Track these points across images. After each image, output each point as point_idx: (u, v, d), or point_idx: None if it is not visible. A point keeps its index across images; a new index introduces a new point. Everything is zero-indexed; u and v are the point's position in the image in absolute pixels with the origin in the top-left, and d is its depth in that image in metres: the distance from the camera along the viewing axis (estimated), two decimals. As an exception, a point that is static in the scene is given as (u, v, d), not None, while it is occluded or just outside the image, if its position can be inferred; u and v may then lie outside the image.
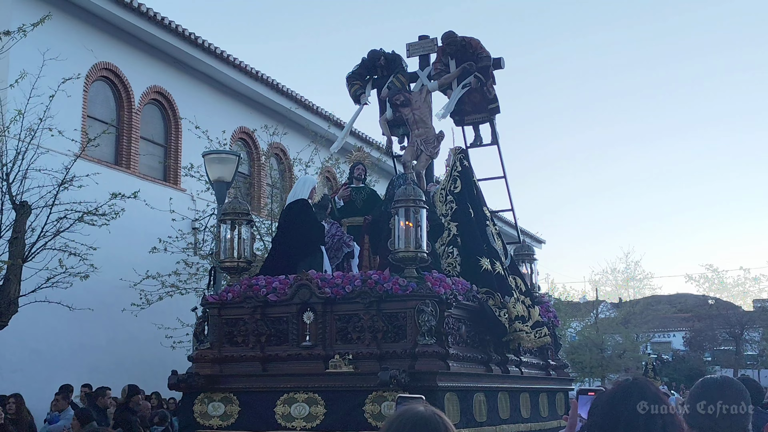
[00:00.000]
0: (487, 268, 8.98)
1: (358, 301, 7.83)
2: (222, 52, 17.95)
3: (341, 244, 9.57)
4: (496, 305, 8.79)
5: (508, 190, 11.28)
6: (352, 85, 11.23)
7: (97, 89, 16.30)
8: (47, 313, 13.49)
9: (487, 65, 10.80)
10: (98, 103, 16.24)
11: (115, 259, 15.14)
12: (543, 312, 10.24)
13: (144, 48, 17.01)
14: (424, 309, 7.61)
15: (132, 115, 16.75)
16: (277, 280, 8.34)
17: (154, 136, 17.70)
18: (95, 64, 15.85)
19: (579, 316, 35.52)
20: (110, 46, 16.29)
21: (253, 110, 19.71)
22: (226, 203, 8.91)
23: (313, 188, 9.24)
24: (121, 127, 16.53)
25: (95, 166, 14.52)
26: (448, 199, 9.62)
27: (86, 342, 15.23)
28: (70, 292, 12.68)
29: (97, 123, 15.64)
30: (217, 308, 8.43)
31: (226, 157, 11.86)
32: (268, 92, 19.60)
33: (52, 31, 13.92)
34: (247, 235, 8.73)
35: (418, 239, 7.94)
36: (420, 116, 10.69)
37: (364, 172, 10.72)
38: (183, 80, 18.03)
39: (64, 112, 13.47)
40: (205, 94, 18.45)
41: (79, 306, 13.39)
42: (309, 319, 7.97)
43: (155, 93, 17.51)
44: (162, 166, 17.69)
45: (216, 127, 17.05)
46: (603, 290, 38.49)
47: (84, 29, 15.71)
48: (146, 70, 17.14)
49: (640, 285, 38.38)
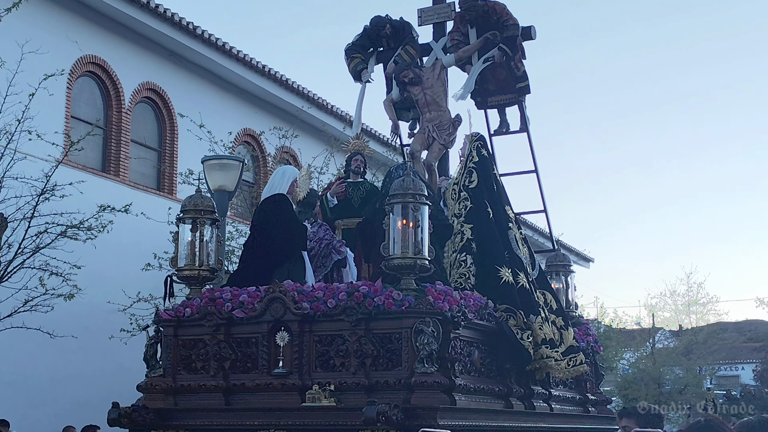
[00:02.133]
0: (508, 281, 8.60)
1: (343, 318, 7.47)
2: (224, 44, 17.84)
3: (330, 250, 9.11)
4: (518, 326, 8.40)
5: (540, 187, 10.88)
6: (352, 59, 10.86)
7: (83, 86, 16.29)
8: (25, 341, 13.38)
9: (514, 35, 10.36)
10: (83, 102, 16.25)
11: (102, 279, 14.99)
12: (580, 336, 9.86)
13: (135, 39, 16.94)
14: (423, 329, 7.21)
15: (122, 115, 16.70)
16: (245, 293, 7.95)
17: (147, 140, 17.66)
18: (80, 57, 15.80)
19: (633, 346, 35.01)
20: (97, 37, 16.26)
21: (260, 110, 19.68)
22: (186, 198, 8.48)
23: (295, 181, 8.75)
24: (109, 129, 16.52)
25: (80, 173, 14.49)
26: (462, 196, 9.15)
27: (69, 373, 15.02)
28: (51, 316, 12.67)
29: (82, 124, 15.62)
30: (173, 327, 8.15)
31: (228, 163, 11.77)
32: (276, 89, 19.49)
33: (31, 19, 13.95)
34: (211, 237, 8.39)
35: (418, 243, 7.53)
36: (433, 97, 10.31)
37: (364, 165, 10.27)
38: (179, 76, 17.97)
39: (45, 113, 13.48)
40: (205, 91, 18.44)
41: (62, 332, 13.33)
42: (283, 341, 7.65)
43: (148, 90, 17.45)
44: (155, 173, 17.63)
45: (217, 129, 16.96)
46: (661, 316, 38.10)
47: (68, 18, 15.68)
48: (138, 65, 17.08)
49: (703, 310, 37.99)
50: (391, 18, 10.76)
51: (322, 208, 9.86)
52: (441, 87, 10.34)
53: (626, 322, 36.52)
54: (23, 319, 12.27)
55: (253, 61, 18.55)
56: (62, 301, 12.38)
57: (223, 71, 18.36)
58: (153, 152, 17.69)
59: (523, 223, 23.17)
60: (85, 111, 16.10)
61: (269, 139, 18.09)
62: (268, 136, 17.96)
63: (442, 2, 10.85)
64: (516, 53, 10.45)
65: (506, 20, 10.35)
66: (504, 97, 10.85)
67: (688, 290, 37.48)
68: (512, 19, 10.35)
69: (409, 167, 8.17)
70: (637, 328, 37.36)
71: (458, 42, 10.53)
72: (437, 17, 10.81)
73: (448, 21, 10.78)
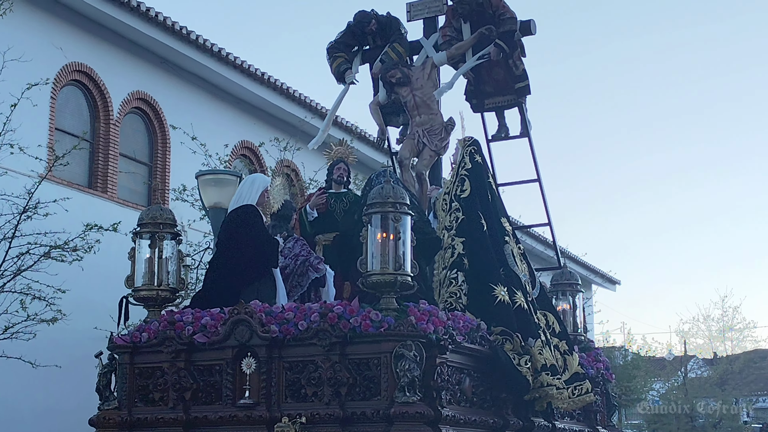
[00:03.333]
0: (503, 300, 8.49)
1: (315, 342, 7.40)
2: (220, 50, 17.83)
3: (307, 267, 8.96)
4: (515, 351, 8.29)
5: (543, 197, 10.70)
6: (335, 58, 10.73)
7: (68, 96, 16.26)
8: (5, 371, 13.27)
9: (511, 30, 10.17)
10: (69, 113, 16.24)
11: (88, 304, 14.78)
12: (589, 362, 9.75)
13: (124, 46, 16.94)
14: (404, 353, 7.12)
15: (110, 127, 16.68)
16: (207, 315, 7.86)
17: (137, 153, 17.62)
18: (65, 65, 15.77)
19: (663, 376, 35.04)
20: (84, 43, 16.24)
21: (258, 121, 19.66)
22: (143, 210, 8.37)
23: (265, 191, 8.63)
24: (96, 142, 16.51)
25: (65, 189, 14.49)
26: (453, 206, 9.05)
27: (53, 405, 14.85)
28: (34, 344, 12.62)
29: (68, 137, 15.67)
30: (128, 353, 8.08)
31: (224, 178, 11.55)
32: (276, 99, 19.44)
33: (13, 25, 13.94)
34: (171, 253, 8.33)
35: (399, 257, 7.43)
36: (423, 99, 10.18)
37: (347, 174, 10.15)
38: (172, 85, 17.94)
39: (27, 125, 13.54)
40: (200, 101, 18.42)
41: (45, 362, 13.22)
42: (249, 368, 7.58)
43: (138, 100, 17.44)
44: (146, 189, 17.53)
45: (212, 142, 16.92)
46: (693, 343, 38.27)
47: (52, 23, 15.67)
48: (127, 73, 17.05)
49: (739, 336, 38.06)
50: (377, 13, 10.64)
51: (301, 222, 9.73)
52: (432, 88, 10.19)
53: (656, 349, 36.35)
54: (3, 347, 12.25)
55: (251, 68, 18.57)
56: (45, 328, 12.38)
57: (218, 79, 18.37)
58: (143, 167, 17.67)
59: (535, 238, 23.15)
60: (71, 123, 16.13)
61: (269, 151, 18.05)
62: (268, 148, 17.92)
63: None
64: (514, 50, 10.26)
65: (503, 13, 10.18)
66: (502, 99, 10.65)
67: (723, 315, 37.60)
68: (509, 13, 10.19)
69: (390, 173, 7.97)
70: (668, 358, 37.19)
71: (451, 38, 10.36)
72: (428, 12, 10.65)
73: (439, 16, 10.62)
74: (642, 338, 41.47)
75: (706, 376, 36.13)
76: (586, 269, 30.18)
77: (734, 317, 37.89)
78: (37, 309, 12.38)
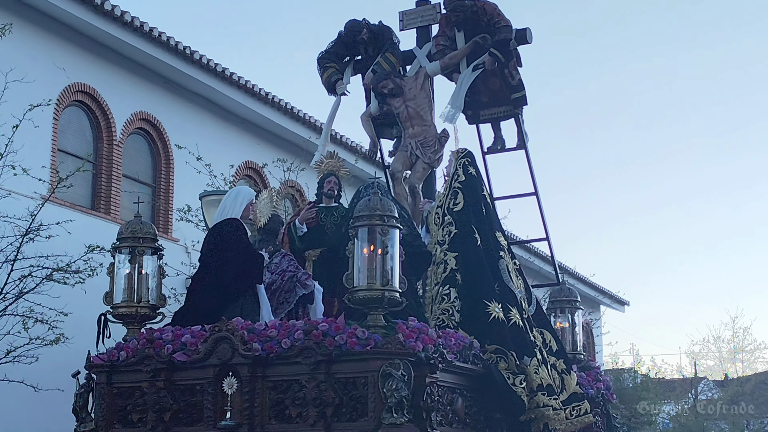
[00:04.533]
0: (498, 317, 8.44)
1: (300, 361, 7.29)
2: (224, 70, 17.91)
3: (294, 283, 8.86)
4: (510, 370, 8.25)
5: (541, 211, 10.61)
6: (326, 68, 10.68)
7: (71, 117, 16.31)
8: (7, 394, 13.23)
9: (506, 38, 10.09)
10: (71, 134, 16.29)
11: (91, 326, 14.80)
12: (589, 381, 9.63)
13: (128, 66, 16.99)
14: (391, 372, 7.01)
15: (113, 148, 16.73)
16: (188, 332, 7.76)
17: (140, 174, 17.63)
18: (68, 86, 15.82)
19: (673, 397, 34.75)
20: (86, 64, 16.27)
21: (263, 141, 19.72)
22: (123, 225, 8.24)
23: (251, 204, 8.49)
24: (99, 164, 16.52)
25: (67, 211, 14.45)
26: (446, 220, 8.99)
27: (55, 429, 14.32)
28: (36, 368, 12.56)
29: (70, 158, 15.66)
30: (106, 373, 8.03)
31: None
32: (280, 119, 19.51)
33: (15, 46, 14.04)
34: (152, 269, 8.25)
35: (387, 272, 7.32)
36: (416, 110, 10.12)
37: (338, 187, 10.02)
38: (175, 105, 17.99)
39: (30, 146, 13.58)
40: (204, 121, 18.52)
41: (47, 385, 13.07)
42: (231, 388, 7.48)
43: (141, 121, 17.49)
44: (150, 210, 17.44)
45: (217, 162, 16.98)
46: (703, 364, 38.42)
47: (55, 44, 15.72)
48: (130, 93, 17.08)
49: (750, 358, 38.33)
50: (368, 22, 10.58)
51: (290, 237, 9.59)
52: (425, 98, 10.14)
53: (666, 370, 36.63)
54: (5, 371, 12.21)
55: (255, 88, 18.65)
56: (47, 351, 12.37)
57: (222, 99, 18.44)
58: (147, 188, 17.66)
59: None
60: (74, 144, 16.17)
61: (273, 172, 18.07)
62: (272, 168, 17.95)
63: (427, 3, 10.68)
64: (510, 59, 10.21)
65: (498, 22, 10.12)
66: (498, 110, 10.60)
67: (734, 336, 37.69)
68: (504, 21, 10.12)
69: (379, 184, 7.84)
70: (677, 378, 37.26)
71: (444, 47, 10.32)
72: (421, 20, 10.61)
73: (432, 25, 10.58)
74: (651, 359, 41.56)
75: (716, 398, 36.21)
76: (595, 290, 30.14)
77: (745, 338, 37.98)
78: (39, 332, 12.40)
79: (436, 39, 10.40)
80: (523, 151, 10.60)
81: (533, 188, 10.56)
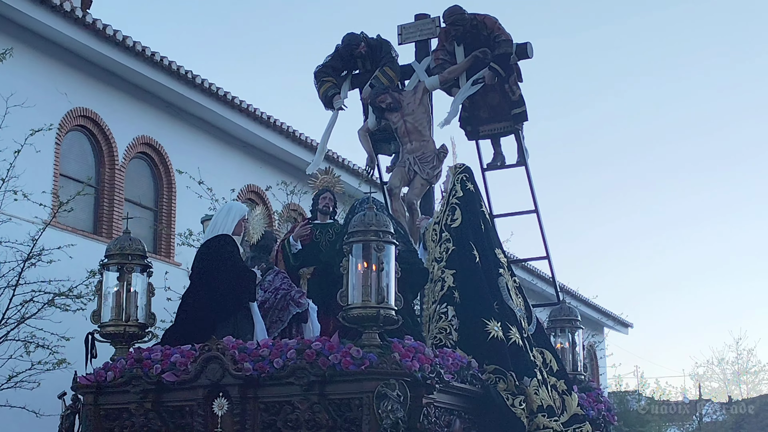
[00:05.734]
0: (497, 336, 8.35)
1: (293, 381, 7.17)
2: (225, 94, 18.07)
3: (288, 301, 8.74)
4: (509, 390, 8.15)
5: (541, 229, 10.49)
6: (323, 83, 10.55)
7: (72, 141, 16.45)
8: (9, 421, 13.24)
9: (507, 52, 9.98)
10: (73, 159, 16.43)
11: None
12: (590, 403, 9.49)
13: (129, 90, 17.11)
14: (386, 393, 6.90)
15: (114, 172, 16.84)
16: (177, 352, 7.62)
17: (142, 198, 17.75)
18: (70, 110, 15.97)
19: (677, 420, 34.87)
20: (88, 88, 16.41)
21: (264, 164, 19.85)
22: (111, 241, 8.10)
23: (243, 219, 8.37)
24: (101, 188, 16.66)
25: (69, 235, 14.61)
26: (443, 237, 8.88)
27: None
28: (38, 393, 12.51)
29: (72, 183, 15.81)
30: (92, 394, 7.88)
31: None
32: (282, 142, 19.62)
33: (16, 70, 14.18)
34: (141, 286, 8.09)
35: (382, 289, 7.20)
36: (414, 125, 10.02)
37: (333, 204, 9.88)
38: (177, 129, 18.12)
39: (31, 171, 13.73)
40: (205, 145, 18.67)
41: (49, 411, 12.71)
42: (221, 409, 7.33)
43: (143, 145, 17.62)
44: (152, 235, 17.61)
45: (219, 186, 17.17)
46: (708, 387, 38.23)
47: (56, 68, 15.86)
48: (132, 118, 17.20)
49: (755, 380, 38.52)
50: (366, 36, 10.49)
51: (284, 255, 9.46)
52: (424, 113, 10.03)
53: (670, 393, 36.49)
54: (7, 396, 12.24)
55: (257, 111, 18.78)
56: (49, 377, 12.31)
57: (224, 123, 18.56)
58: (149, 212, 17.82)
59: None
60: (75, 168, 16.27)
61: (276, 195, 18.17)
62: (275, 192, 18.05)
63: (427, 17, 10.54)
64: (510, 74, 10.10)
65: (498, 36, 10.01)
66: (498, 126, 10.47)
67: (738, 358, 37.74)
68: (505, 35, 10.02)
69: (374, 200, 7.71)
70: (681, 400, 36.87)
71: (444, 62, 10.21)
72: (420, 34, 10.50)
73: (432, 38, 10.48)
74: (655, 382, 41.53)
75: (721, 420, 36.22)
76: (598, 312, 30.13)
77: (749, 360, 38.00)
78: (41, 357, 12.44)
79: (435, 53, 10.30)
80: (523, 167, 10.48)
81: (533, 206, 10.44)
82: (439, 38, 10.35)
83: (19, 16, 14.38)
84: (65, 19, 14.89)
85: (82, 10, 15.38)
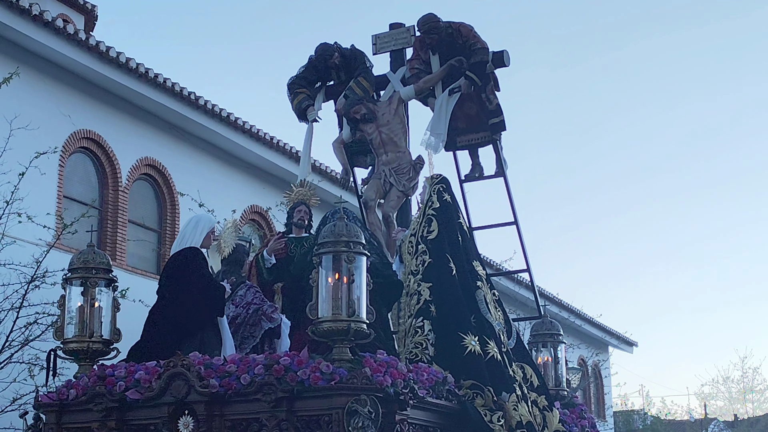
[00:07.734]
0: (474, 351, 8.14)
1: (260, 398, 6.96)
2: (228, 115, 18.13)
3: (259, 317, 8.54)
4: (486, 406, 7.95)
5: (521, 241, 10.30)
6: (296, 94, 10.38)
7: (76, 163, 16.43)
8: None
9: (483, 61, 9.82)
10: (77, 181, 16.42)
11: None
12: (572, 419, 9.27)
13: (133, 112, 17.12)
14: (357, 409, 6.69)
15: (118, 194, 16.85)
16: (142, 369, 7.41)
17: (146, 220, 17.75)
18: (73, 132, 15.97)
19: None
20: (92, 110, 16.42)
21: (267, 185, 19.84)
22: (75, 254, 7.98)
23: (211, 232, 8.21)
24: (104, 210, 16.69)
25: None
26: (420, 249, 8.67)
27: None
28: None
29: (76, 204, 15.82)
30: (55, 412, 7.69)
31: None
32: (285, 162, 19.60)
33: (20, 93, 14.21)
34: (105, 301, 7.93)
35: (353, 302, 6.99)
36: (389, 136, 9.87)
37: (309, 217, 9.75)
38: (180, 150, 18.12)
39: (35, 193, 13.77)
40: (208, 166, 18.73)
41: None
42: (187, 428, 7.17)
43: (147, 167, 17.62)
44: (155, 256, 17.61)
45: (221, 207, 17.12)
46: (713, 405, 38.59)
47: (60, 90, 15.86)
48: (136, 139, 17.22)
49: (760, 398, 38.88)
50: (340, 46, 10.33)
51: (258, 269, 9.25)
52: (399, 124, 9.87)
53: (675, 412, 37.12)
54: (11, 419, 12.01)
55: (260, 132, 18.85)
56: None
57: (227, 144, 18.59)
58: (152, 233, 17.81)
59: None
60: (79, 190, 16.28)
61: (278, 216, 18.03)
62: (277, 212, 17.91)
63: (401, 27, 10.41)
64: (487, 83, 9.93)
65: (474, 44, 9.86)
66: (475, 136, 10.28)
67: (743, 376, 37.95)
68: (480, 43, 9.87)
69: (343, 210, 7.49)
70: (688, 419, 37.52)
71: (419, 71, 10.06)
72: (394, 44, 10.37)
73: (406, 48, 10.35)
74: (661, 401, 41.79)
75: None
76: (602, 331, 30.11)
77: (755, 378, 38.21)
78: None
79: (410, 62, 10.16)
80: (501, 178, 10.29)
81: (513, 217, 10.24)
82: (414, 47, 10.21)
83: (23, 38, 14.41)
84: (68, 42, 14.92)
85: (85, 33, 15.42)
